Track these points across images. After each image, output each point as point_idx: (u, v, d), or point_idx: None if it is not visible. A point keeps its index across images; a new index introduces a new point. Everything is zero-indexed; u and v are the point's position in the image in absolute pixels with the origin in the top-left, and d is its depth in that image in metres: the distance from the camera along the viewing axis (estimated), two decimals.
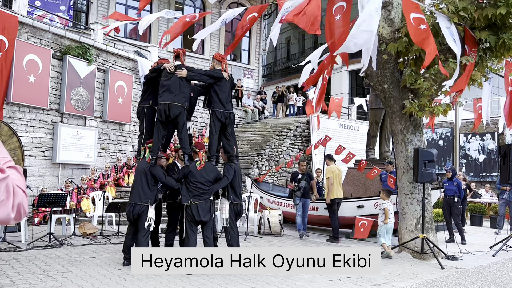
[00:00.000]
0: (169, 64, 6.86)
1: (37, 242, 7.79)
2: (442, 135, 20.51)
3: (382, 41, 8.20)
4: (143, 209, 6.46)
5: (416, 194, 8.35)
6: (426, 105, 7.98)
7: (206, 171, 6.58)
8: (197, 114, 16.28)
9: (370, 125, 13.18)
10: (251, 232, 10.20)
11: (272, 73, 31.58)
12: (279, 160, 16.33)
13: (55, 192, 9.59)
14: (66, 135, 11.86)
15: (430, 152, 8.01)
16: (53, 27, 12.01)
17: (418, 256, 8.05)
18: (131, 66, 14.27)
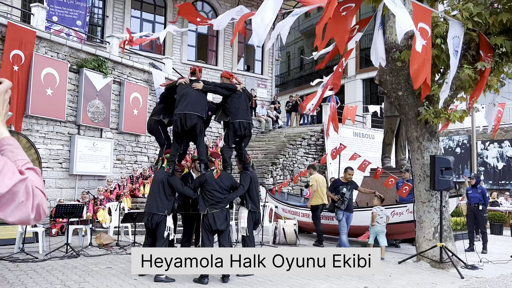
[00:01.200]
0: (184, 79, 6.99)
1: (55, 253, 7.86)
2: (459, 143, 20.22)
3: (396, 48, 8.17)
4: (161, 218, 6.49)
5: (433, 202, 8.24)
6: (441, 112, 7.90)
7: (222, 180, 6.60)
8: (211, 124, 16.36)
9: (385, 133, 13.08)
10: (266, 242, 10.15)
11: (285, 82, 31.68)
12: (293, 170, 16.28)
13: (72, 203, 9.70)
14: (83, 146, 12.01)
15: (446, 159, 7.91)
16: (70, 41, 12.25)
17: (437, 266, 7.91)
18: (146, 78, 14.45)
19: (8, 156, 1.07)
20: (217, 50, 21.78)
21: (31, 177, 1.07)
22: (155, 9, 20.27)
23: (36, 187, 1.07)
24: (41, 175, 1.13)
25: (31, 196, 1.05)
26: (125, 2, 19.06)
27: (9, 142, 1.12)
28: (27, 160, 1.11)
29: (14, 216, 1.03)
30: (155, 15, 20.16)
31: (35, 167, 1.12)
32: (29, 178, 1.07)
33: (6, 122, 6.58)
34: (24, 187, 1.04)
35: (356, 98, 24.88)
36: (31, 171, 1.10)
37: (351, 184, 9.44)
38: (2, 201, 1.01)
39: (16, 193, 1.02)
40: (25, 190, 1.04)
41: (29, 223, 1.10)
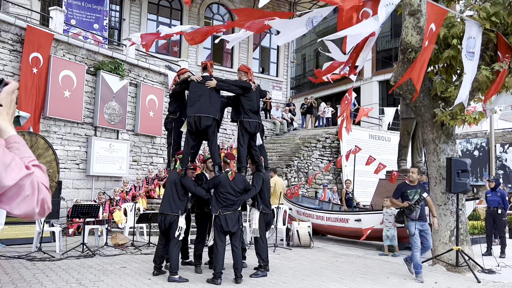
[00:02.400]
0: (196, 75, 6.96)
1: (71, 252, 7.98)
2: (478, 145, 19.91)
3: (411, 49, 8.09)
4: (174, 219, 6.53)
5: (449, 205, 8.12)
6: (458, 114, 7.79)
7: (236, 182, 6.60)
8: (226, 126, 16.43)
9: (402, 135, 12.93)
10: (280, 244, 10.13)
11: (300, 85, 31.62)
12: (308, 172, 16.23)
13: (88, 203, 9.83)
14: (99, 148, 12.18)
15: (463, 162, 7.79)
16: (87, 44, 12.44)
17: (453, 269, 7.79)
18: (161, 80, 14.58)
19: (15, 153, 1.12)
20: (232, 52, 21.86)
21: (36, 173, 1.11)
22: (171, 12, 20.46)
23: (41, 183, 1.11)
24: (46, 172, 1.17)
25: (37, 191, 1.08)
26: (141, 6, 19.28)
27: (16, 140, 1.17)
28: (33, 158, 1.16)
29: (20, 209, 1.07)
30: (171, 19, 20.35)
31: (41, 164, 1.16)
32: (35, 173, 1.10)
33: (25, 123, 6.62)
34: (30, 181, 1.08)
35: (372, 100, 24.69)
36: (37, 167, 1.14)
37: (420, 187, 7.54)
38: (8, 194, 1.05)
39: (22, 186, 1.06)
40: (31, 185, 1.08)
41: (33, 217, 1.13)
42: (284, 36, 7.38)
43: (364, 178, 16.27)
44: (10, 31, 10.35)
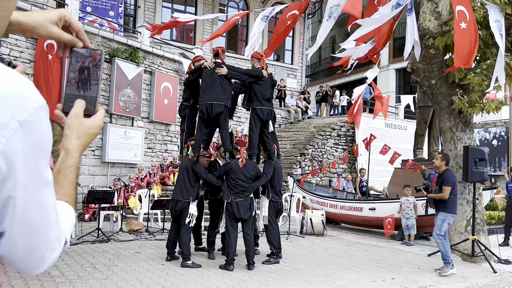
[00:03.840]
0: (208, 62, 6.92)
1: (86, 237, 8.09)
2: (496, 135, 19.51)
3: (429, 35, 7.92)
4: (185, 205, 6.56)
5: (466, 194, 7.99)
6: (476, 101, 7.62)
7: (247, 169, 6.59)
8: (240, 114, 16.39)
9: (418, 124, 12.74)
10: (293, 232, 10.12)
11: (316, 73, 31.32)
12: (322, 161, 16.13)
13: (103, 189, 9.94)
14: (115, 135, 12.27)
15: (481, 150, 7.63)
16: (102, 31, 12.48)
17: (468, 259, 7.69)
18: (176, 67, 14.58)
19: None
20: (247, 40, 21.71)
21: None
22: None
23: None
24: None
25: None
26: None
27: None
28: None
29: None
30: (186, 6, 20.26)
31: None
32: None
33: None
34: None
35: (389, 89, 24.34)
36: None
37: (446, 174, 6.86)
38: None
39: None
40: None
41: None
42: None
43: (379, 167, 16.13)
44: None
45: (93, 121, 1.01)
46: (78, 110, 0.99)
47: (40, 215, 0.79)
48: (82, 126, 0.99)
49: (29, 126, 0.73)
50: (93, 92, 1.02)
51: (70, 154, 0.96)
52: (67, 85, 1.01)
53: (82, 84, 1.01)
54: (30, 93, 0.75)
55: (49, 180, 0.81)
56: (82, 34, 1.03)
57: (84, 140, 0.99)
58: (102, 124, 1.05)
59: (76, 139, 0.97)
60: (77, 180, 0.99)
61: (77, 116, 0.99)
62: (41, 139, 0.77)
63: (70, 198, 0.96)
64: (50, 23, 0.97)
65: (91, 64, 1.02)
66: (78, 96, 1.00)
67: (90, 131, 1.00)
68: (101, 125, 1.04)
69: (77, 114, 0.99)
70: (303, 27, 23.53)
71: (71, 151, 0.96)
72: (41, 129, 0.76)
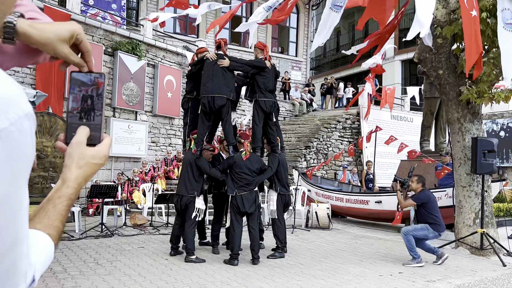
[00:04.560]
0: (210, 53, 6.79)
1: (90, 232, 8.03)
2: (504, 126, 19.26)
3: (437, 24, 7.73)
4: (190, 200, 6.46)
5: (474, 186, 7.85)
6: (485, 92, 7.45)
7: (251, 162, 6.47)
8: (244, 107, 16.26)
9: (425, 115, 12.57)
10: (299, 226, 10.02)
11: (320, 65, 31.07)
12: (327, 154, 15.99)
13: (107, 183, 9.87)
14: (118, 129, 12.20)
15: (490, 142, 7.48)
16: (104, 24, 12.36)
17: (477, 252, 7.56)
18: (179, 60, 14.46)
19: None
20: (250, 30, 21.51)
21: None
22: None
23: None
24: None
25: None
26: None
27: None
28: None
29: None
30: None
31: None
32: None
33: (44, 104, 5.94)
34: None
35: (395, 80, 24.10)
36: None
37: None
38: None
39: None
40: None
41: None
42: (321, 35, 7.23)
43: (385, 160, 15.97)
44: None
45: (97, 151, 0.90)
46: (80, 138, 0.88)
47: (6, 242, 0.64)
48: (84, 156, 0.88)
49: (8, 137, 0.60)
50: (97, 121, 0.92)
51: (66, 183, 0.85)
52: (68, 116, 0.91)
53: (85, 114, 0.91)
54: (14, 98, 0.61)
55: (24, 203, 0.67)
56: (89, 56, 0.93)
57: (86, 170, 0.88)
58: (108, 153, 0.93)
59: (76, 169, 0.87)
60: (67, 214, 0.86)
61: (79, 145, 0.88)
62: (20, 153, 0.63)
63: (54, 231, 0.83)
64: (60, 41, 0.86)
65: (94, 93, 0.92)
66: (81, 124, 0.90)
67: (93, 161, 0.89)
68: (106, 154, 0.92)
69: (79, 143, 0.88)
70: (308, 19, 23.28)
71: (67, 180, 0.85)
72: (22, 141, 0.62)
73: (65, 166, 0.87)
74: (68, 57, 0.89)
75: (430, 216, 6.54)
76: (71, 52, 0.89)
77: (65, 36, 0.86)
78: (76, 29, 0.88)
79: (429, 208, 6.57)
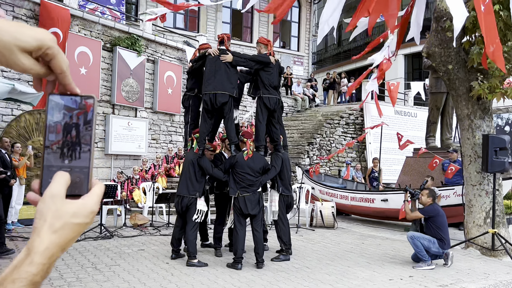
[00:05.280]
0: (213, 49, 6.52)
1: (89, 233, 7.80)
2: (509, 121, 18.99)
3: (446, 17, 7.45)
4: (191, 201, 6.22)
5: (485, 185, 7.60)
6: (497, 87, 7.19)
7: (254, 162, 6.22)
8: (247, 103, 15.99)
9: (430, 111, 12.29)
10: (303, 225, 9.79)
11: (322, 60, 30.75)
12: (331, 150, 15.74)
13: (105, 182, 9.64)
14: (118, 126, 11.95)
15: (502, 139, 7.22)
16: (103, 19, 12.08)
17: (488, 253, 7.33)
18: (179, 56, 14.17)
19: None
20: (252, 26, 21.22)
21: None
22: None
23: None
24: None
25: None
26: None
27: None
28: None
29: None
30: None
31: None
32: None
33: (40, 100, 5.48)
34: None
35: (398, 75, 23.79)
36: None
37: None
38: None
39: None
40: None
41: None
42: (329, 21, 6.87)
43: (390, 156, 15.72)
44: (23, 7, 10.05)
45: (81, 205, 0.63)
46: (55, 189, 0.61)
47: None
48: (61, 214, 0.61)
49: None
50: (84, 161, 0.65)
51: (30, 257, 0.58)
52: (44, 153, 0.64)
53: (68, 150, 0.65)
54: None
55: None
56: (64, 77, 0.66)
57: (63, 235, 0.60)
58: (96, 208, 0.64)
59: (49, 234, 0.59)
60: None
61: (54, 199, 0.61)
62: None
63: None
64: (19, 49, 0.60)
65: (81, 120, 0.66)
66: (61, 167, 0.64)
67: (75, 220, 0.62)
68: (94, 210, 0.64)
69: (53, 196, 0.61)
70: (310, 13, 22.95)
71: (33, 252, 0.58)
72: None
73: (34, 230, 0.60)
74: (30, 71, 0.62)
75: (438, 231, 6.32)
76: (33, 64, 0.62)
77: (28, 44, 0.60)
78: (47, 40, 0.62)
79: (437, 222, 6.35)
